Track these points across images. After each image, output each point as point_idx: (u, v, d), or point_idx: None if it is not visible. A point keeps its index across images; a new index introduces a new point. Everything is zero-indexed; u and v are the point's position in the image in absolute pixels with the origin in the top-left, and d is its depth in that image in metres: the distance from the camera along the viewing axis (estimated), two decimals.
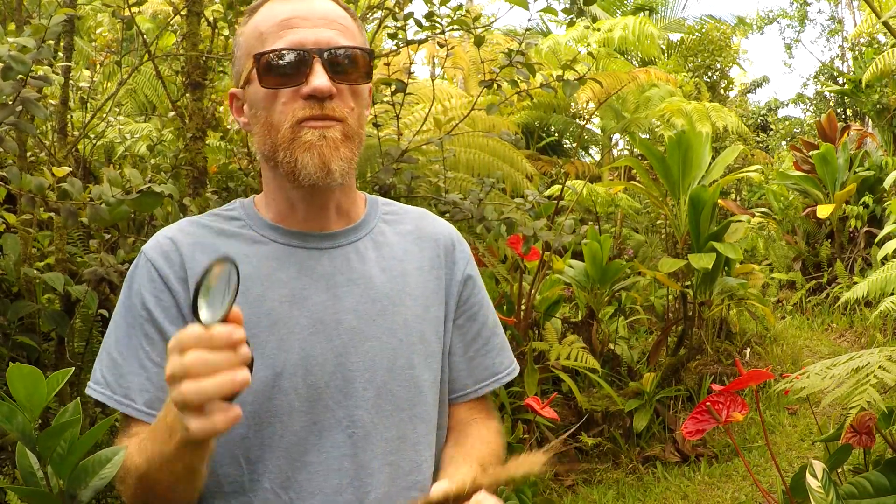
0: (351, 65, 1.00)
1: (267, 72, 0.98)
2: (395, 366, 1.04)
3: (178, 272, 1.02)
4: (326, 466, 1.00)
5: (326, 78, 0.97)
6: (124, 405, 0.99)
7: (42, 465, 0.82)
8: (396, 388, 1.04)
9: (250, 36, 1.03)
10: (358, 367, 1.02)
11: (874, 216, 7.55)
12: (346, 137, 0.99)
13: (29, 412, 0.79)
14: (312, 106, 0.97)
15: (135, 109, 6.30)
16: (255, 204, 1.11)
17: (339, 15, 1.03)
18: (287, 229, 1.06)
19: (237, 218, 1.09)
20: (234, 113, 1.09)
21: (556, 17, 2.68)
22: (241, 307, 0.99)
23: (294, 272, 1.04)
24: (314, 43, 0.98)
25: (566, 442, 4.18)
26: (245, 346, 0.78)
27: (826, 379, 1.95)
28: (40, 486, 0.82)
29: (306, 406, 1.00)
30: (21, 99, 1.79)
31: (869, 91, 9.77)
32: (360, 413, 1.01)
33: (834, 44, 19.04)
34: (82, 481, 0.83)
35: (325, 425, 1.00)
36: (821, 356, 5.85)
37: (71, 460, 0.81)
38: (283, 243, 1.06)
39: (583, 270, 4.70)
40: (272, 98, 0.99)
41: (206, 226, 1.08)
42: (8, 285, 2.58)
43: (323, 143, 0.97)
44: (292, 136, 0.98)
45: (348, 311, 1.03)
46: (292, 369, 1.00)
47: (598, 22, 8.94)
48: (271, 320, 1.01)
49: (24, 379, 0.78)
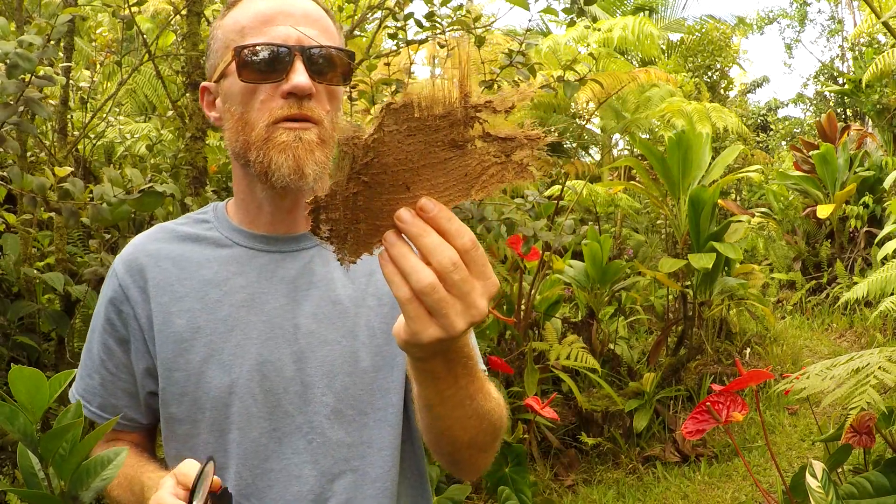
0: (331, 65, 0.98)
1: (247, 66, 0.96)
2: (355, 369, 1.01)
3: (139, 282, 1.03)
4: (287, 473, 0.99)
5: (307, 76, 0.95)
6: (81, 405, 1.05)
7: (44, 467, 0.82)
8: (358, 393, 1.01)
9: (230, 29, 1.00)
10: (317, 372, 1.00)
11: (874, 216, 7.55)
12: (321, 141, 0.97)
13: (31, 413, 0.79)
14: (291, 105, 0.95)
15: (135, 109, 6.30)
16: (227, 206, 1.10)
17: (320, 15, 1.02)
18: (252, 232, 1.05)
19: (206, 220, 1.09)
20: (205, 107, 1.07)
21: (556, 17, 2.69)
22: (199, 312, 1.00)
23: (254, 276, 1.02)
24: (296, 40, 0.96)
25: (566, 442, 4.19)
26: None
27: (826, 379, 1.95)
28: (42, 487, 0.82)
29: (265, 412, 0.99)
30: (24, 98, 1.79)
31: (869, 91, 9.77)
32: (319, 419, 0.99)
33: (834, 44, 19.05)
34: (84, 482, 0.83)
35: (285, 431, 0.99)
36: (821, 356, 5.85)
37: (72, 461, 0.81)
38: (246, 246, 1.04)
39: (583, 270, 4.70)
40: (250, 94, 0.97)
41: (174, 231, 1.08)
42: (8, 285, 2.58)
43: (298, 145, 0.95)
44: (267, 135, 0.95)
45: (307, 314, 1.01)
46: (249, 375, 0.98)
47: (598, 22, 8.94)
48: (228, 326, 1.00)
49: (26, 380, 0.78)
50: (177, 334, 1.00)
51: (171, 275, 1.03)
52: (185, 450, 1.01)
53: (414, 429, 1.10)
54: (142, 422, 1.08)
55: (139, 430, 1.10)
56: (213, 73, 1.04)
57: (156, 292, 1.02)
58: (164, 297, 1.01)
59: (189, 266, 1.03)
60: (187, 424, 1.00)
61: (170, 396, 1.01)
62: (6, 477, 2.33)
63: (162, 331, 1.01)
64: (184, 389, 0.99)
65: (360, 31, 3.19)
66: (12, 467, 2.39)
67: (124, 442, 1.09)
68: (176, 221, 1.11)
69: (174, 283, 1.02)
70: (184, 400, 1.00)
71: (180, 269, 1.03)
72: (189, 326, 1.00)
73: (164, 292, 1.02)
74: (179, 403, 1.00)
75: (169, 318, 1.01)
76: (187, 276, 1.03)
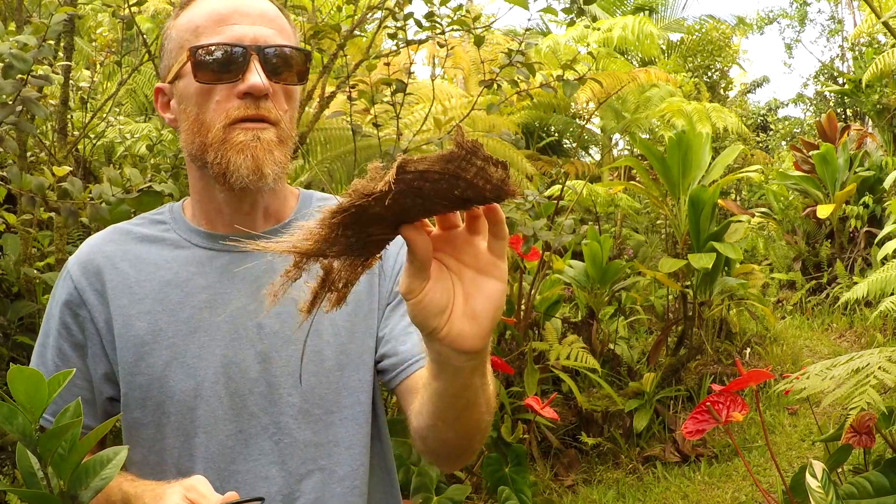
0: (287, 65, 0.97)
1: (202, 66, 0.94)
2: (321, 368, 1.00)
3: (95, 284, 1.01)
4: (254, 475, 0.98)
5: (263, 76, 0.94)
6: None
7: (43, 466, 0.81)
8: (324, 392, 1.00)
9: (184, 29, 0.98)
10: (282, 372, 0.99)
11: (874, 216, 7.55)
12: (280, 141, 0.96)
13: (30, 413, 0.78)
14: (248, 105, 0.94)
15: (135, 109, 6.30)
16: (183, 206, 1.09)
17: (276, 15, 1.01)
18: (210, 232, 1.04)
19: (163, 221, 1.07)
20: (160, 109, 1.05)
21: (555, 17, 2.68)
22: (160, 315, 0.98)
23: (215, 277, 1.01)
24: (252, 40, 0.95)
25: (566, 442, 4.19)
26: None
27: (826, 379, 1.95)
28: (41, 486, 0.82)
29: (230, 414, 0.98)
30: (21, 98, 1.79)
31: (869, 91, 9.76)
32: (285, 419, 0.98)
33: (834, 44, 19.04)
34: (83, 482, 0.82)
35: (251, 433, 0.98)
36: (821, 356, 5.85)
37: (72, 461, 0.81)
38: (205, 247, 1.03)
39: (583, 270, 4.70)
40: (205, 95, 0.95)
41: (130, 231, 1.06)
42: (8, 285, 2.57)
43: (257, 145, 0.93)
44: (224, 136, 0.94)
45: (271, 314, 0.99)
46: (214, 377, 0.97)
47: (597, 21, 8.94)
48: (191, 327, 0.98)
49: (25, 380, 0.78)
50: (137, 337, 0.98)
51: (129, 277, 1.01)
52: (151, 454, 0.99)
53: (382, 426, 1.10)
54: None
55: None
56: (167, 73, 1.02)
57: (114, 295, 1.00)
58: (124, 300, 1.00)
59: (147, 267, 1.01)
60: (151, 429, 0.99)
61: (132, 401, 0.99)
62: (6, 477, 2.33)
63: (122, 335, 0.99)
64: (147, 394, 0.98)
65: (359, 31, 3.19)
66: (12, 467, 2.39)
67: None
68: (131, 222, 1.09)
69: (133, 286, 1.00)
70: (147, 404, 0.98)
71: (138, 271, 1.01)
72: (150, 329, 0.98)
73: (123, 295, 1.00)
74: (143, 408, 0.98)
75: (129, 321, 0.99)
76: (146, 277, 1.01)
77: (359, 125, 3.07)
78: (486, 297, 0.66)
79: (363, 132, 3.07)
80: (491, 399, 0.88)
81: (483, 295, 0.66)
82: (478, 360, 0.73)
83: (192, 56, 0.95)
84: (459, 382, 0.77)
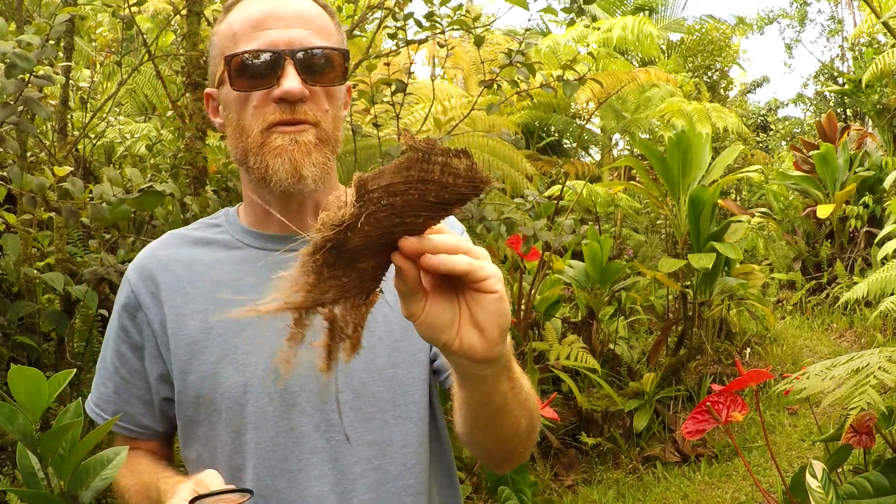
0: (325, 66, 0.96)
1: (238, 74, 0.95)
2: (373, 366, 1.00)
3: (150, 287, 1.03)
4: (306, 473, 0.97)
5: (298, 80, 0.93)
6: (96, 413, 1.07)
7: (43, 467, 0.82)
8: (377, 390, 1.00)
9: (224, 36, 0.99)
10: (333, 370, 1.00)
11: (874, 216, 7.55)
12: (319, 141, 0.95)
13: (30, 413, 0.79)
14: (283, 110, 0.94)
15: (135, 109, 6.30)
16: (238, 210, 1.11)
17: (315, 14, 0.99)
18: (262, 233, 1.05)
19: (218, 224, 1.09)
20: (211, 113, 1.06)
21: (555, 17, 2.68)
22: (211, 313, 1.00)
23: (266, 275, 1.00)
24: (286, 44, 0.94)
25: (566, 442, 4.19)
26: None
27: (826, 380, 1.95)
28: (41, 487, 0.82)
29: (281, 411, 0.98)
30: (23, 98, 1.79)
31: (869, 91, 9.76)
32: (337, 417, 0.98)
33: (834, 44, 19.05)
34: (83, 482, 0.83)
35: (303, 431, 0.98)
36: (821, 356, 5.86)
37: (72, 461, 0.81)
38: (257, 247, 1.04)
39: (583, 270, 4.70)
40: (243, 101, 0.96)
41: (185, 236, 1.09)
42: (8, 285, 2.57)
43: (294, 148, 0.93)
44: (262, 140, 0.94)
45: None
46: (263, 374, 0.98)
47: (597, 21, 8.93)
48: (241, 325, 0.99)
49: (26, 380, 0.78)
50: (190, 336, 1.00)
51: (182, 278, 1.03)
52: (204, 452, 1.01)
53: (441, 427, 1.09)
54: (157, 429, 1.08)
55: (155, 438, 1.10)
56: (213, 79, 1.04)
57: (168, 296, 1.02)
58: (177, 301, 1.02)
59: (200, 269, 1.04)
60: (205, 426, 1.00)
61: (186, 399, 1.01)
62: (6, 477, 2.33)
63: (176, 334, 1.01)
64: (199, 391, 0.99)
65: (359, 30, 3.19)
66: (12, 467, 2.39)
67: (142, 450, 1.09)
68: (188, 227, 1.12)
69: (186, 287, 1.02)
70: (199, 402, 1.00)
71: (191, 272, 1.03)
72: (201, 328, 1.00)
73: (177, 296, 1.02)
74: (196, 406, 1.00)
75: (182, 321, 1.01)
76: (198, 278, 1.03)
77: (359, 125, 3.07)
78: (486, 310, 0.67)
79: (363, 132, 3.07)
80: (528, 401, 0.88)
81: (483, 308, 0.67)
82: (496, 367, 0.73)
83: (227, 65, 0.96)
84: (484, 390, 0.77)
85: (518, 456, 0.96)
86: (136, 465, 1.06)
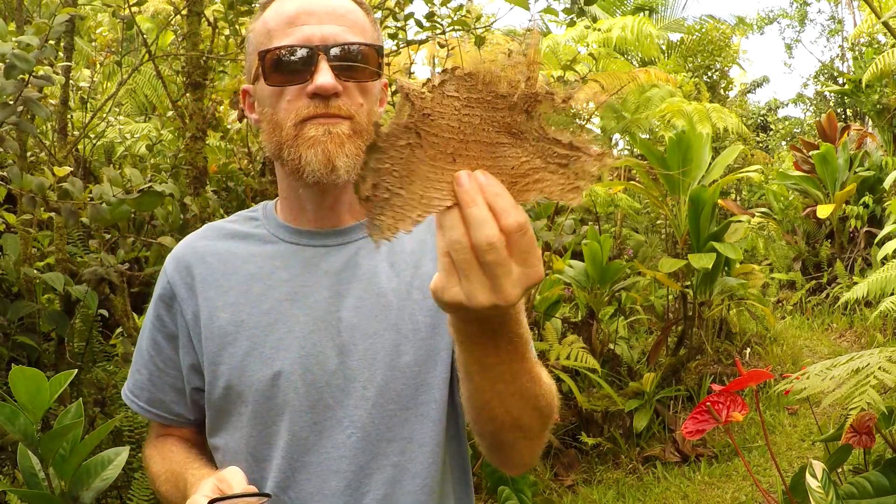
0: (357, 61, 0.97)
1: (272, 69, 0.97)
2: (397, 363, 1.00)
3: (186, 278, 1.05)
4: (325, 468, 0.98)
5: (332, 76, 0.94)
6: (130, 400, 1.10)
7: (44, 467, 0.81)
8: (400, 387, 1.00)
9: (259, 32, 1.01)
10: (358, 366, 0.99)
11: (874, 216, 7.55)
12: (353, 133, 0.96)
13: (31, 414, 0.79)
14: (317, 104, 0.95)
15: (135, 109, 6.30)
16: (276, 204, 1.12)
17: (349, 9, 1.01)
18: (297, 228, 1.06)
19: (255, 218, 1.11)
20: (247, 109, 1.08)
21: (556, 17, 2.68)
22: (243, 306, 1.02)
23: (297, 270, 1.03)
24: (320, 39, 0.96)
25: (566, 442, 4.19)
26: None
27: (826, 380, 1.95)
28: (42, 487, 0.82)
29: (306, 405, 0.99)
30: (23, 98, 1.79)
31: (869, 91, 9.76)
32: (360, 413, 0.99)
33: (834, 44, 19.05)
34: (84, 483, 0.82)
35: (326, 425, 0.99)
36: (821, 356, 5.86)
37: (73, 462, 0.81)
38: (291, 242, 1.06)
39: (583, 270, 4.70)
40: (277, 96, 0.98)
41: (223, 228, 1.11)
42: (8, 285, 2.57)
43: (328, 139, 0.95)
44: (296, 133, 0.96)
45: (349, 307, 1.00)
46: (291, 368, 0.99)
47: (597, 22, 8.94)
48: (271, 319, 1.01)
49: (27, 381, 0.78)
50: (221, 328, 1.01)
51: (217, 270, 1.05)
52: (231, 441, 1.03)
53: (460, 427, 1.09)
54: (189, 417, 1.10)
55: (188, 426, 1.12)
56: (249, 76, 1.05)
57: (202, 288, 1.04)
58: (211, 293, 1.03)
59: (234, 262, 1.05)
60: (233, 417, 1.02)
61: (214, 390, 1.02)
62: (6, 477, 2.33)
63: (208, 326, 1.02)
64: (228, 382, 1.01)
65: None
66: (12, 467, 2.39)
67: (175, 437, 1.11)
68: (226, 219, 1.14)
69: (220, 279, 1.04)
70: (228, 393, 1.01)
71: (225, 265, 1.05)
72: (232, 320, 1.01)
73: (210, 287, 1.04)
74: (224, 397, 1.02)
75: (214, 312, 1.02)
76: (232, 271, 1.04)
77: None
78: None
79: None
80: (534, 398, 0.85)
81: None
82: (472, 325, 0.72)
83: (261, 60, 0.98)
84: (473, 355, 0.76)
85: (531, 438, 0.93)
86: (169, 452, 1.09)
